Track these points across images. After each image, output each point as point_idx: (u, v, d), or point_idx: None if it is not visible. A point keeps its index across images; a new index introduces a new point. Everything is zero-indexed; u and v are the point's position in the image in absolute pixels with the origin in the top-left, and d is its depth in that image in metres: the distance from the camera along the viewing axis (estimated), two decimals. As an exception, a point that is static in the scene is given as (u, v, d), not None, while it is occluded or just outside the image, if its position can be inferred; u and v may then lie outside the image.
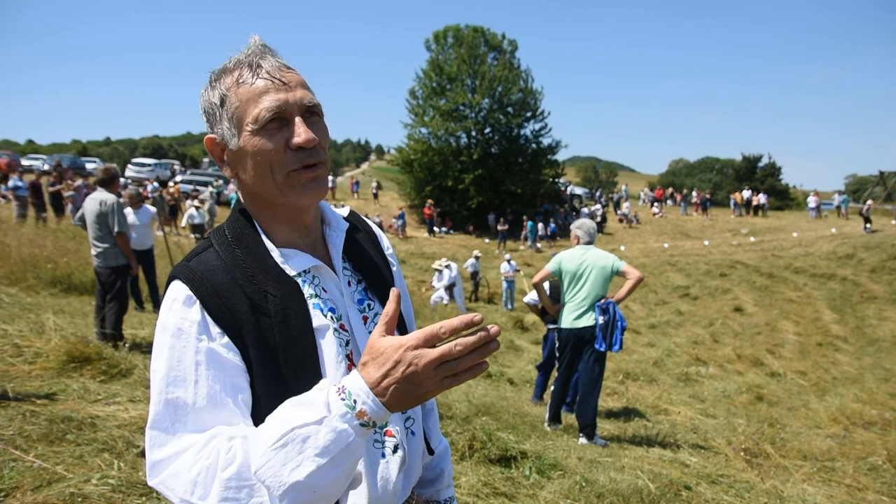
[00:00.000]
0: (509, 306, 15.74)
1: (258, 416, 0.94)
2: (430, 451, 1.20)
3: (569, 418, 5.63)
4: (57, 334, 4.73)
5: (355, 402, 0.80)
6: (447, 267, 14.21)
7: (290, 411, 0.82)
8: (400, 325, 1.15)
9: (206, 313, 0.93)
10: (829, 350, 13.43)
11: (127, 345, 5.38)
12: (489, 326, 0.81)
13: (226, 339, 0.93)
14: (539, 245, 25.90)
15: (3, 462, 2.68)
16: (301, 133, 0.96)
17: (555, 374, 5.53)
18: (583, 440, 4.88)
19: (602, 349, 4.84)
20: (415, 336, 0.80)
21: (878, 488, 4.52)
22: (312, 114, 1.00)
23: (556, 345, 5.22)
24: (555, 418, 5.37)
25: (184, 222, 17.61)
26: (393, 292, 0.87)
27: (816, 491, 4.20)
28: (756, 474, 4.44)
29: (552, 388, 5.53)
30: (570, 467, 3.67)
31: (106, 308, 5.59)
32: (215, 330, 0.93)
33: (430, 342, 0.79)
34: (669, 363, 10.23)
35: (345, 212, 1.19)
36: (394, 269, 1.21)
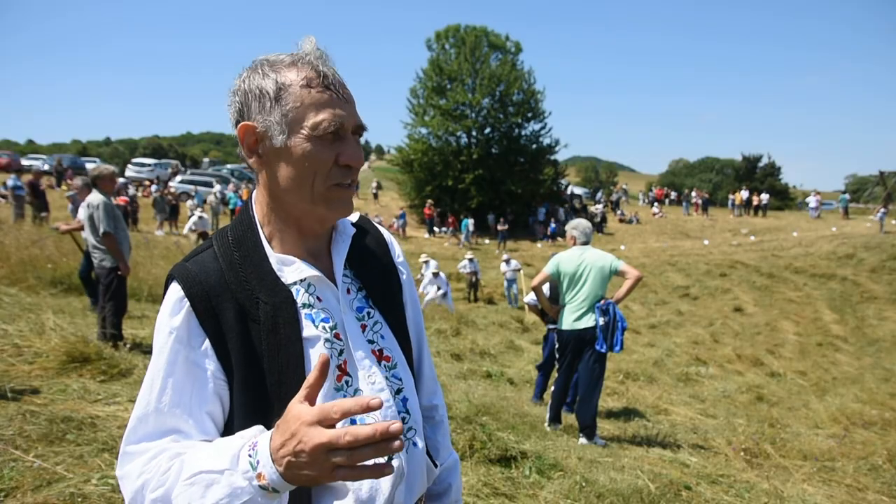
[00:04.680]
0: (513, 305, 15.79)
1: (235, 423, 0.95)
2: (435, 465, 1.17)
3: (569, 418, 5.63)
4: (57, 334, 4.73)
5: (258, 462, 0.78)
6: (426, 263, 14.33)
7: (210, 450, 0.84)
8: (404, 341, 1.12)
9: (193, 316, 0.94)
10: (829, 350, 13.42)
11: (127, 345, 5.38)
12: (390, 422, 0.71)
13: (206, 346, 0.94)
14: (467, 241, 26.24)
15: (3, 462, 2.68)
16: (354, 154, 0.99)
17: (555, 374, 5.53)
18: (583, 440, 4.88)
19: (603, 350, 4.83)
20: (313, 412, 0.74)
21: (878, 488, 4.52)
22: (358, 135, 1.02)
23: (556, 346, 5.21)
24: (555, 419, 5.36)
25: (187, 228, 17.59)
26: (321, 358, 0.79)
27: (816, 491, 4.20)
28: (756, 474, 4.44)
29: (552, 388, 5.53)
30: (570, 467, 3.67)
31: (106, 308, 5.59)
32: (197, 336, 0.94)
33: (324, 422, 0.73)
34: (669, 363, 10.22)
35: (354, 217, 1.17)
36: (403, 277, 1.18)
